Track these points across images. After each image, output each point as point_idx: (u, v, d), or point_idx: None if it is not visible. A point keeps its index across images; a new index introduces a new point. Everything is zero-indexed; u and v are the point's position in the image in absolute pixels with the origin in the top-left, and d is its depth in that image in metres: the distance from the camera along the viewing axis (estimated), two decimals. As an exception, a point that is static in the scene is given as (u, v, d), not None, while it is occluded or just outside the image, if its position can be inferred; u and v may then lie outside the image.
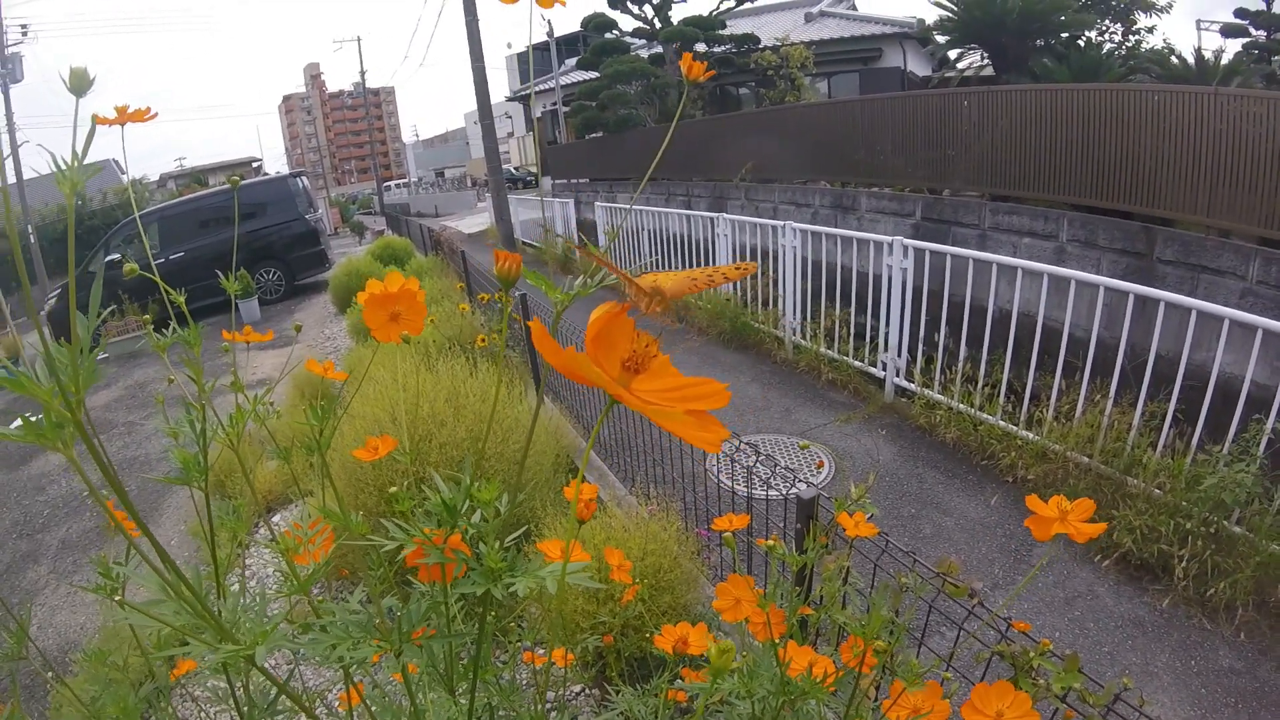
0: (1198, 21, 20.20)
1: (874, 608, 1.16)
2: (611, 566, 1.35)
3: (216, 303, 9.53)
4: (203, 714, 1.54)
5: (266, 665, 2.93)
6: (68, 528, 5.64)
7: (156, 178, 41.61)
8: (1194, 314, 3.76)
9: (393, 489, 1.08)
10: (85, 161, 0.72)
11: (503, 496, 0.96)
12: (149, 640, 1.40)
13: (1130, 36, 16.71)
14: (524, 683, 2.18)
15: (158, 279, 1.23)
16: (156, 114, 1.06)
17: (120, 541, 1.46)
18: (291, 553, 1.11)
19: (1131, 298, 4.05)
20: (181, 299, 1.30)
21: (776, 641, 1.15)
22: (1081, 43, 15.29)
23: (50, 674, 3.10)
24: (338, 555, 1.13)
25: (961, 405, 4.85)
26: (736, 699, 1.24)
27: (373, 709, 1.18)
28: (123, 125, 0.96)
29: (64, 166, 0.70)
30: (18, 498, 6.47)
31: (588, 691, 2.74)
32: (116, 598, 1.21)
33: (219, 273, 1.43)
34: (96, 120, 0.95)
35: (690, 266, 8.64)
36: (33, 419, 0.67)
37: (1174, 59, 14.10)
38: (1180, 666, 2.97)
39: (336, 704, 1.66)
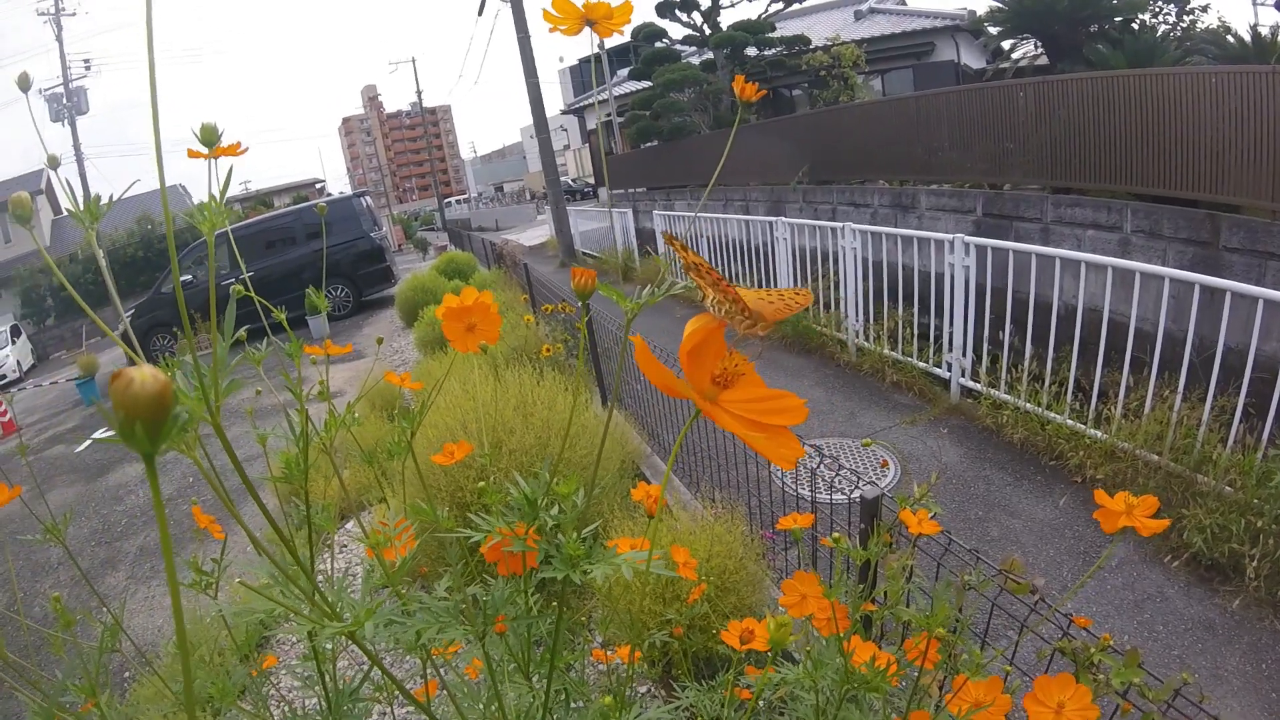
0: (1253, -3, 19.58)
1: (937, 601, 1.21)
2: (677, 564, 1.40)
3: (287, 319, 9.73)
4: (288, 707, 1.64)
5: (344, 662, 3.07)
6: (145, 536, 5.89)
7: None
8: (1261, 303, 3.68)
9: (480, 483, 1.16)
10: (153, 189, 0.83)
11: (579, 491, 1.03)
12: (239, 632, 1.50)
13: (1184, 17, 16.26)
14: (592, 680, 2.25)
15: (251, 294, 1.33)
16: (247, 149, 1.15)
17: (201, 546, 1.56)
18: (381, 547, 1.20)
19: (1198, 288, 3.97)
20: (282, 315, 1.40)
21: (841, 635, 1.20)
22: (1135, 26, 14.93)
23: (130, 671, 3.26)
24: (422, 550, 1.21)
25: (1028, 404, 4.80)
26: (802, 691, 1.29)
27: (454, 696, 1.25)
28: (215, 159, 1.04)
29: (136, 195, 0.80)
30: (96, 507, 6.76)
31: (654, 691, 2.81)
32: (211, 591, 1.32)
33: (293, 291, 1.52)
34: (190, 154, 1.05)
35: (750, 270, 8.67)
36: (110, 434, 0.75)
37: (1230, 38, 13.68)
38: (1251, 670, 2.91)
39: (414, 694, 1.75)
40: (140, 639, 4.19)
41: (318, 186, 51.39)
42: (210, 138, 0.88)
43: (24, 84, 1.11)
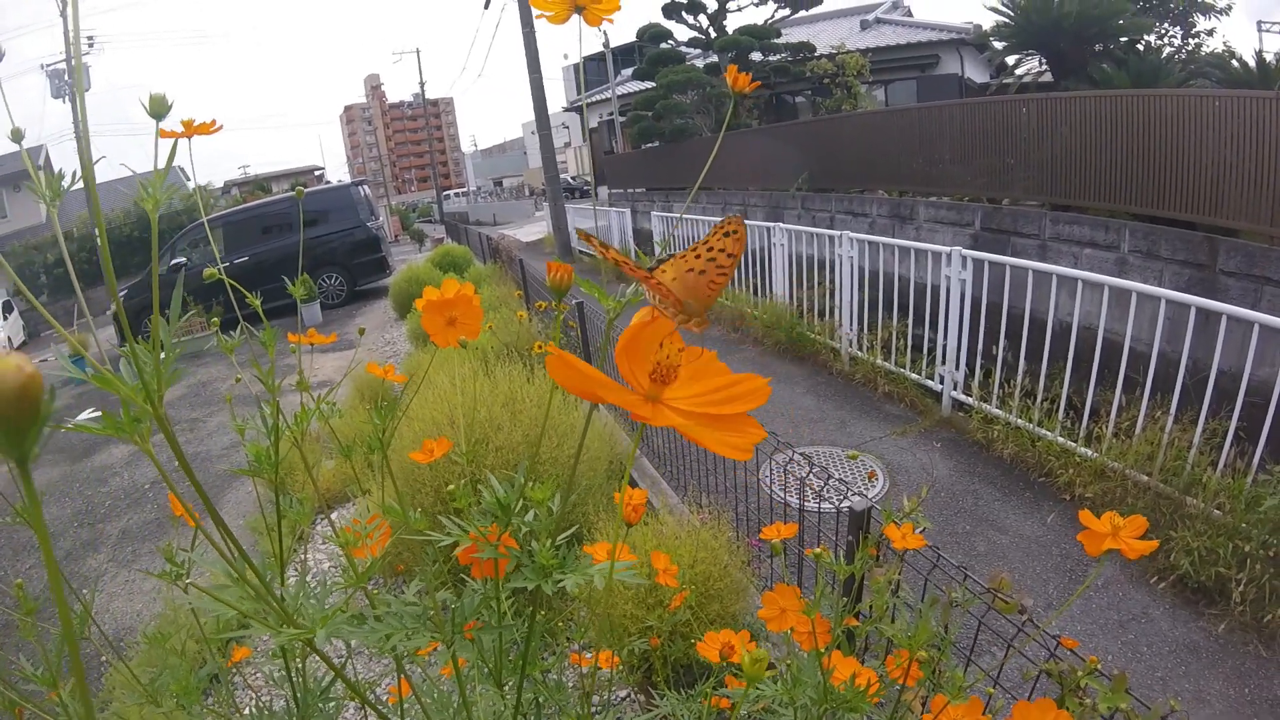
0: (1259, 23, 19.64)
1: (921, 619, 1.18)
2: (657, 571, 1.38)
3: (278, 306, 9.78)
4: (258, 701, 1.61)
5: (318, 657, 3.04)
6: (128, 519, 5.84)
7: (221, 184, 42.60)
8: (1256, 328, 3.67)
9: (450, 486, 1.12)
10: (150, 168, 0.80)
11: (555, 496, 1.00)
12: (209, 625, 1.47)
13: (1189, 40, 16.34)
14: (570, 684, 2.22)
15: (228, 280, 1.30)
16: (221, 126, 1.12)
17: (180, 533, 1.53)
18: (350, 547, 1.16)
19: (1194, 311, 3.97)
20: (257, 302, 1.37)
21: (821, 651, 1.18)
22: (1140, 47, 14.97)
23: (106, 656, 3.22)
24: (394, 551, 1.18)
25: (1020, 420, 4.78)
26: (780, 707, 1.26)
27: (423, 701, 1.22)
28: (189, 138, 1.00)
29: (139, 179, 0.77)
30: (80, 488, 6.71)
31: (633, 697, 2.78)
32: (182, 583, 1.28)
33: (284, 278, 1.50)
34: (162, 134, 1.02)
35: (745, 275, 8.64)
36: (96, 414, 0.73)
37: (1234, 62, 13.72)
38: (1234, 694, 2.90)
39: (387, 696, 1.72)
40: (119, 623, 4.15)
41: (316, 173, 51.29)
42: (159, 109, 0.85)
43: (17, 138, 1.08)
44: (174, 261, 14.18)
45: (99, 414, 0.67)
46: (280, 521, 1.25)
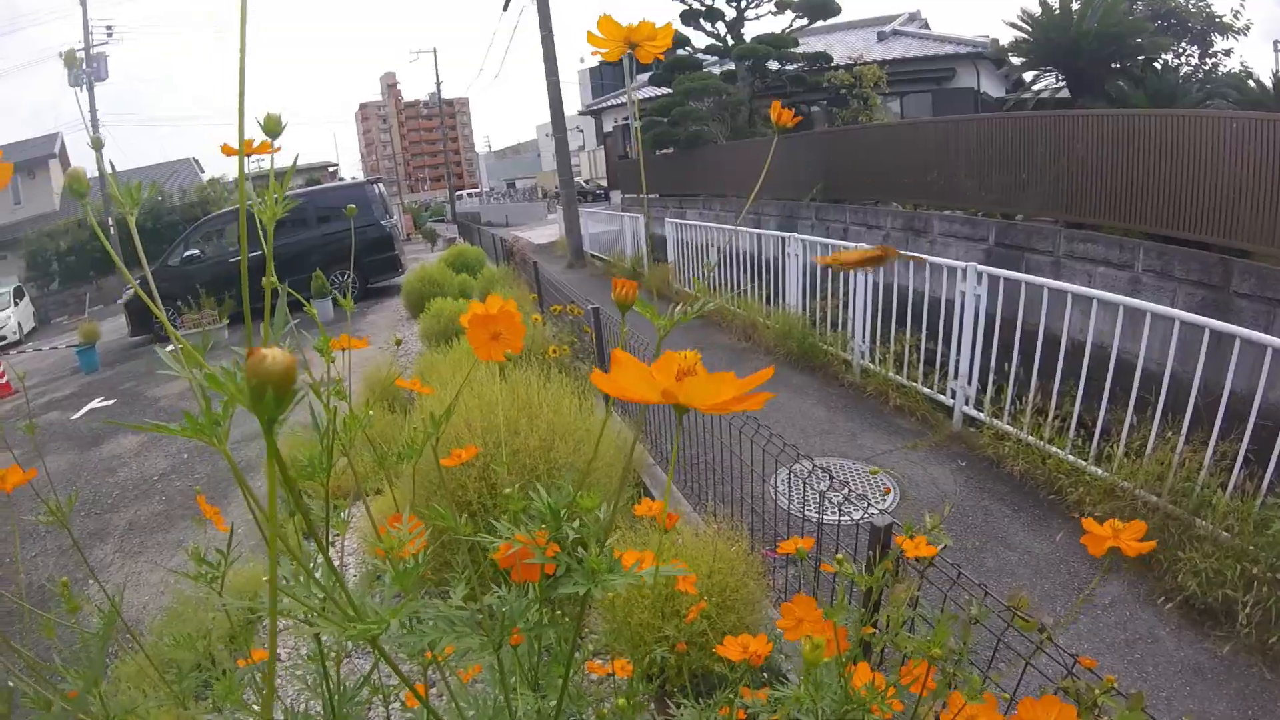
0: (1275, 43, 19.68)
1: (938, 628, 1.22)
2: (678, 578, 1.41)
3: (289, 302, 9.76)
4: (285, 705, 1.64)
5: (347, 661, 3.09)
6: (136, 510, 5.89)
7: (234, 178, 42.75)
8: (1270, 351, 3.68)
9: (507, 490, 1.17)
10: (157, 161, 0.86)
11: (603, 505, 1.04)
12: (222, 621, 1.50)
13: (1207, 59, 16.36)
14: (587, 692, 2.25)
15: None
16: (281, 148, 1.15)
17: (189, 528, 1.57)
18: (394, 550, 1.19)
19: (1207, 332, 3.98)
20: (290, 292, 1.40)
21: (841, 657, 1.21)
22: (1158, 66, 14.99)
23: (114, 647, 3.26)
24: (436, 556, 1.21)
25: (1031, 438, 4.80)
26: (801, 714, 1.30)
27: (461, 705, 1.25)
28: (246, 156, 1.03)
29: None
30: (89, 478, 6.75)
31: (649, 707, 2.80)
32: (215, 585, 1.32)
33: (313, 270, 1.52)
34: (225, 151, 1.06)
35: (760, 284, 8.68)
36: (109, 403, 0.76)
37: (1251, 83, 13.74)
38: (1238, 715, 2.92)
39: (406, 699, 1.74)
40: (126, 615, 4.18)
41: (330, 170, 51.43)
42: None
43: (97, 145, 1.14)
44: (186, 254, 14.27)
45: (112, 402, 0.70)
46: (329, 525, 1.28)
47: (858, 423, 5.90)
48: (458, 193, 53.76)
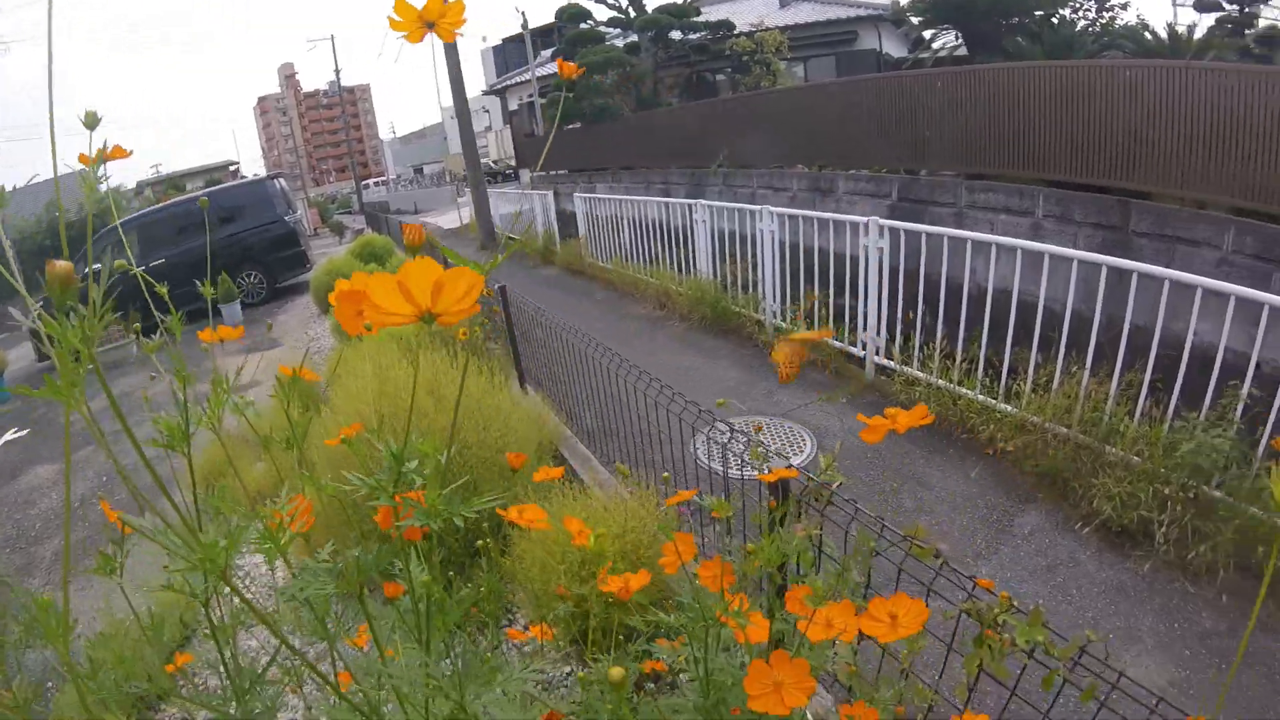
0: (1171, -4, 20.31)
1: (843, 561, 1.18)
2: (573, 534, 1.41)
3: (198, 309, 9.42)
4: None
5: (253, 641, 3.03)
6: (59, 540, 5.62)
7: (134, 185, 41.30)
8: (1167, 284, 3.78)
9: (343, 434, 1.26)
10: (58, 174, 0.84)
11: (443, 451, 1.11)
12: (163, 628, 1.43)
13: (1104, 14, 16.80)
14: (515, 661, 2.20)
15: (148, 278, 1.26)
16: (132, 152, 1.14)
17: (115, 551, 1.49)
18: (271, 523, 1.15)
19: (1105, 270, 4.07)
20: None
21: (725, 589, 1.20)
22: (1055, 21, 15.34)
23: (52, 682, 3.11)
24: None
25: (941, 381, 4.87)
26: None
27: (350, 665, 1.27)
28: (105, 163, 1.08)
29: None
30: (9, 512, 6.45)
31: (575, 669, 2.77)
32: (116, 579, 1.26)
33: (199, 280, 1.45)
34: (82, 160, 1.03)
35: (670, 252, 8.64)
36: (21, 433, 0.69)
37: (1148, 35, 14.18)
38: (1164, 630, 3.01)
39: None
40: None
41: (232, 169, 50.06)
42: (92, 123, 0.88)
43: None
44: (86, 270, 13.67)
45: (25, 432, 0.65)
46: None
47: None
48: (364, 182, 52.69)
